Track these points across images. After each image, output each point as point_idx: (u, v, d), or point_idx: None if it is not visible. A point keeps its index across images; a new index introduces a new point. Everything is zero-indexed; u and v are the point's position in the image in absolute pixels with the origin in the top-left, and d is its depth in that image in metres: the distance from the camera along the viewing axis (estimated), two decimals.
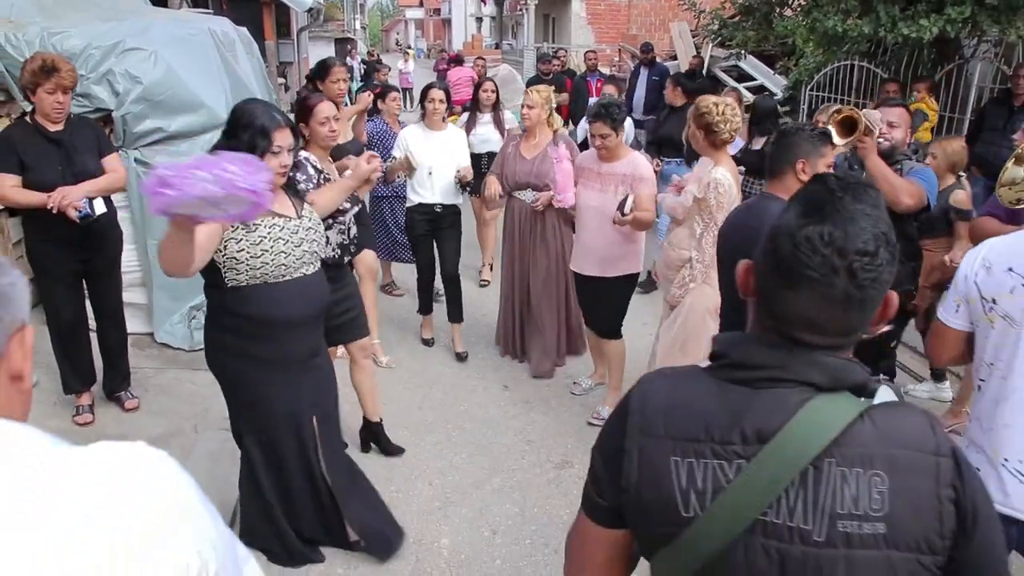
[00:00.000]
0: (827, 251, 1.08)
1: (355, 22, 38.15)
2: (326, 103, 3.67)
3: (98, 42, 4.86)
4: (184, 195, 1.96)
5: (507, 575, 3.29)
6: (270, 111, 2.73)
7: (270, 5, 13.45)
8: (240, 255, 2.70)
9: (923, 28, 6.10)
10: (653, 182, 4.31)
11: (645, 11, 20.46)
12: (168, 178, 1.96)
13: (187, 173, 1.96)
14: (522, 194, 5.01)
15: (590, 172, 4.41)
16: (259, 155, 2.50)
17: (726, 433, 1.13)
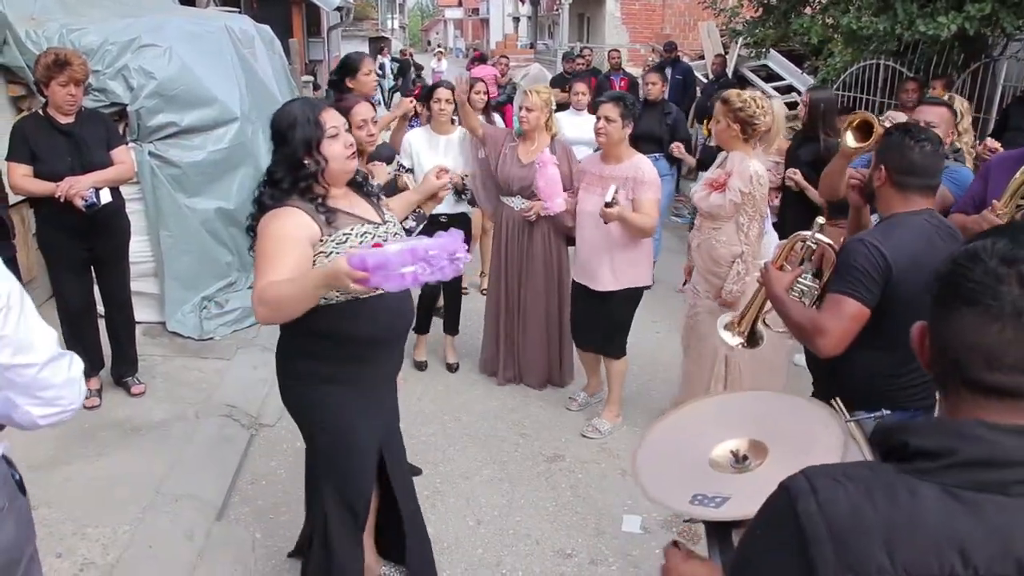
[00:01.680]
0: (991, 261, 0.91)
1: (392, 21, 38.48)
2: (363, 104, 3.40)
3: (114, 38, 5.01)
4: (396, 285, 1.97)
5: (489, 564, 3.33)
6: (307, 101, 2.58)
7: (300, 4, 13.64)
8: None
9: (941, 25, 6.01)
10: (657, 187, 4.15)
11: (679, 11, 20.28)
12: (378, 271, 1.93)
13: (394, 271, 1.94)
14: (511, 200, 4.72)
15: (592, 176, 4.24)
16: (317, 145, 2.38)
17: (995, 564, 0.84)
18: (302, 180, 2.38)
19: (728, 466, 1.56)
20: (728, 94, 3.90)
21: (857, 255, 2.35)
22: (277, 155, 2.45)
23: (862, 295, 2.32)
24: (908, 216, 2.41)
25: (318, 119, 2.41)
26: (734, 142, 3.83)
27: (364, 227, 2.47)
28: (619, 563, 3.34)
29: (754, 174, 3.74)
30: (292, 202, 2.37)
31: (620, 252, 4.14)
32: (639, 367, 4.97)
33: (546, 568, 3.31)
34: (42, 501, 3.58)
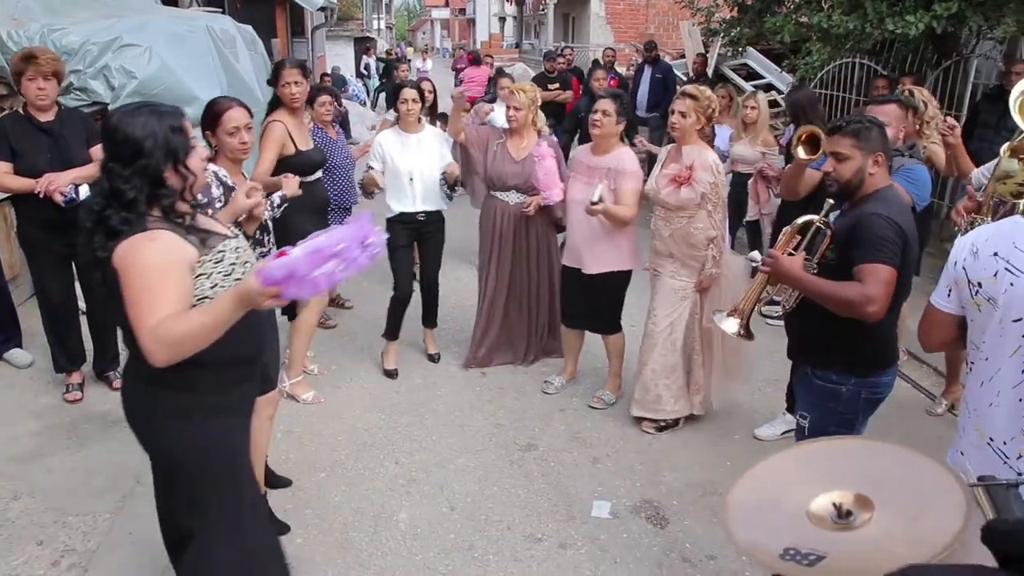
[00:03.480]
0: None
1: (378, 21, 38.48)
2: (236, 109, 3.14)
3: (96, 38, 5.09)
4: (311, 291, 1.82)
5: (460, 549, 3.42)
6: (159, 108, 2.16)
7: (283, 4, 13.69)
8: (214, 292, 2.16)
9: (909, 24, 6.14)
10: (638, 177, 4.30)
11: (663, 10, 20.44)
12: (290, 282, 1.79)
13: (306, 277, 1.80)
14: (506, 195, 4.83)
15: (580, 165, 4.47)
16: (183, 159, 2.10)
17: None
18: (164, 199, 2.09)
19: (829, 520, 1.41)
20: (695, 91, 4.05)
21: (883, 228, 2.63)
22: (126, 170, 2.05)
23: (893, 262, 2.62)
24: (888, 190, 2.78)
25: (182, 127, 2.14)
26: (694, 136, 4.08)
27: (232, 241, 2.27)
28: (587, 547, 3.44)
29: (714, 164, 4.06)
30: (153, 224, 2.06)
31: (604, 238, 4.35)
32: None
33: (516, 552, 3.40)
34: (24, 491, 3.66)
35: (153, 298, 1.98)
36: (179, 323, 1.96)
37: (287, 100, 4.31)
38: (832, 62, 8.87)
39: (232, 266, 2.22)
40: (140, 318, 1.99)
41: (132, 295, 2.00)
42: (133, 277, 2.00)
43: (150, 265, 2.01)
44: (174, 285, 2.02)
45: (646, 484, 3.90)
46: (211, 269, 2.16)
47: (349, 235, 1.86)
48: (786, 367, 4.37)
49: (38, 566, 3.19)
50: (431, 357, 5.27)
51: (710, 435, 4.34)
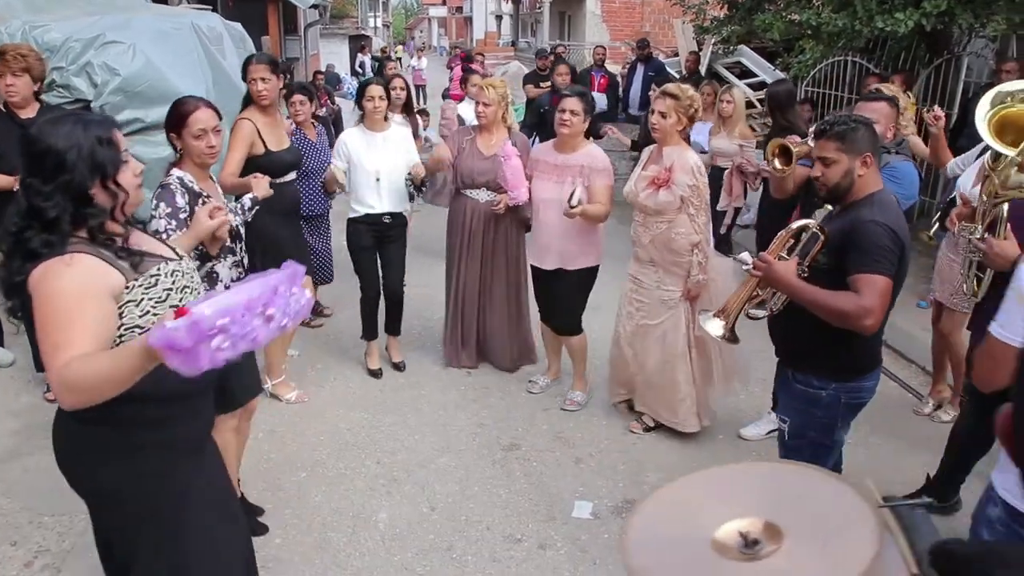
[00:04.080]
0: None
1: (375, 19, 38.47)
2: (203, 110, 2.88)
3: (78, 35, 5.07)
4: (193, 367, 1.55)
5: (439, 549, 3.40)
6: (85, 117, 1.97)
7: (275, 2, 13.65)
8: (145, 320, 1.93)
9: (899, 21, 6.12)
10: (610, 173, 4.27)
11: (658, 8, 20.37)
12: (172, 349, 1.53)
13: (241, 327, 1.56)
14: (476, 193, 4.73)
15: (545, 164, 4.35)
16: (112, 174, 1.88)
17: None
18: (92, 217, 1.87)
19: (735, 550, 1.32)
20: (675, 89, 3.98)
21: (881, 236, 2.56)
22: (47, 186, 1.83)
23: (890, 271, 2.56)
24: (882, 194, 2.71)
25: (112, 139, 1.90)
26: (675, 137, 3.98)
27: (169, 264, 2.04)
28: (567, 548, 3.41)
29: (695, 166, 3.94)
30: (75, 247, 1.84)
31: (576, 236, 4.29)
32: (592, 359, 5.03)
33: (496, 553, 3.37)
34: (0, 491, 3.63)
35: (63, 333, 1.74)
36: (88, 366, 1.70)
37: (255, 97, 4.14)
38: (824, 60, 8.85)
39: (167, 292, 1.99)
40: (49, 355, 1.75)
41: (42, 327, 1.77)
42: (44, 307, 1.77)
43: (63, 294, 1.77)
44: (90, 318, 1.78)
45: (629, 484, 3.88)
46: (141, 295, 1.93)
47: (240, 307, 1.57)
48: (773, 367, 4.36)
49: (11, 566, 3.17)
50: (396, 366, 5.09)
51: (695, 435, 4.31)
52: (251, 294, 1.61)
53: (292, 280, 1.70)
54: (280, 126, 4.35)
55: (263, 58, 4.31)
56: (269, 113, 4.22)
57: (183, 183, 2.89)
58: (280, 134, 4.31)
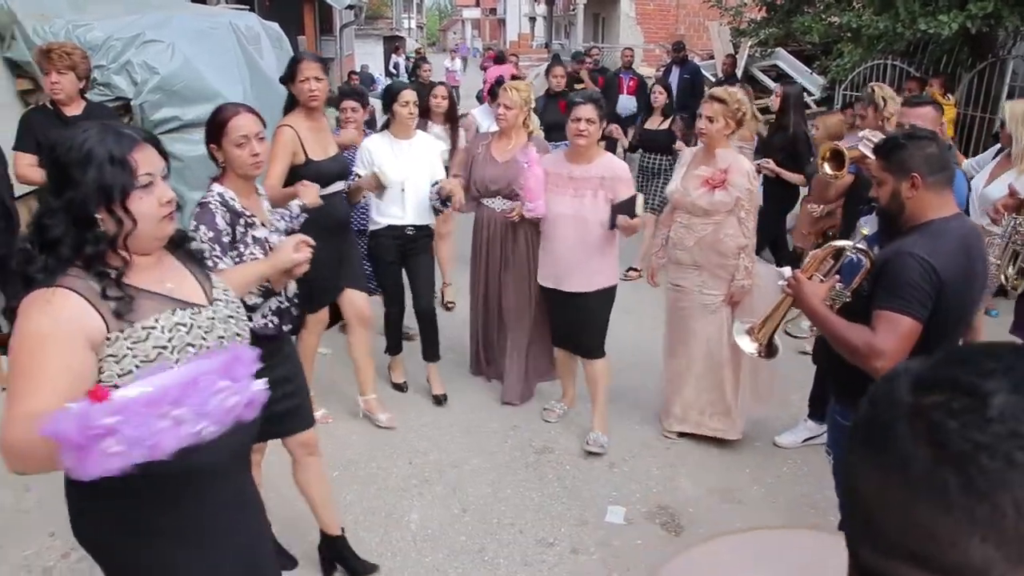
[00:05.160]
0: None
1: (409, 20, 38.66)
2: (244, 116, 2.60)
3: (119, 34, 5.13)
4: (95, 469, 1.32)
5: (470, 551, 3.38)
6: (112, 129, 1.71)
7: (312, 2, 13.76)
8: (125, 381, 1.61)
9: (942, 24, 6.01)
10: (632, 183, 4.06)
11: (693, 11, 20.27)
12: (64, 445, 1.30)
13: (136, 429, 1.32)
14: (491, 202, 4.49)
15: (559, 177, 4.03)
16: (123, 198, 1.63)
17: None
18: (90, 244, 1.63)
19: None
20: (723, 94, 3.94)
21: (911, 271, 2.31)
22: (55, 200, 1.65)
23: (917, 312, 2.30)
24: (944, 223, 2.40)
25: (126, 158, 1.64)
26: (724, 140, 3.96)
27: (177, 314, 1.73)
28: (600, 552, 3.38)
29: (750, 170, 3.93)
30: (67, 279, 1.62)
31: (597, 254, 4.00)
32: (629, 364, 4.99)
33: (527, 556, 3.35)
34: (39, 483, 3.67)
35: (24, 383, 1.54)
36: (28, 430, 1.42)
37: (304, 98, 3.77)
38: (864, 63, 8.73)
39: (159, 350, 1.66)
40: (6, 403, 1.53)
41: (10, 371, 1.56)
42: (14, 348, 1.57)
43: (33, 337, 1.57)
44: (56, 369, 1.54)
45: (662, 490, 3.84)
46: (125, 350, 1.63)
47: (139, 405, 1.33)
48: (809, 372, 4.30)
49: (49, 557, 3.21)
50: (437, 399, 4.66)
51: (729, 441, 4.25)
52: (165, 383, 1.37)
53: (227, 369, 1.47)
54: (325, 132, 4.01)
55: (314, 56, 4.01)
56: (315, 118, 3.89)
57: (223, 201, 2.59)
58: (325, 141, 3.95)
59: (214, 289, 1.90)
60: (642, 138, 7.04)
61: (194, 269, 1.90)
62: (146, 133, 1.76)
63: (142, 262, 1.73)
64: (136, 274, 1.70)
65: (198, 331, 1.75)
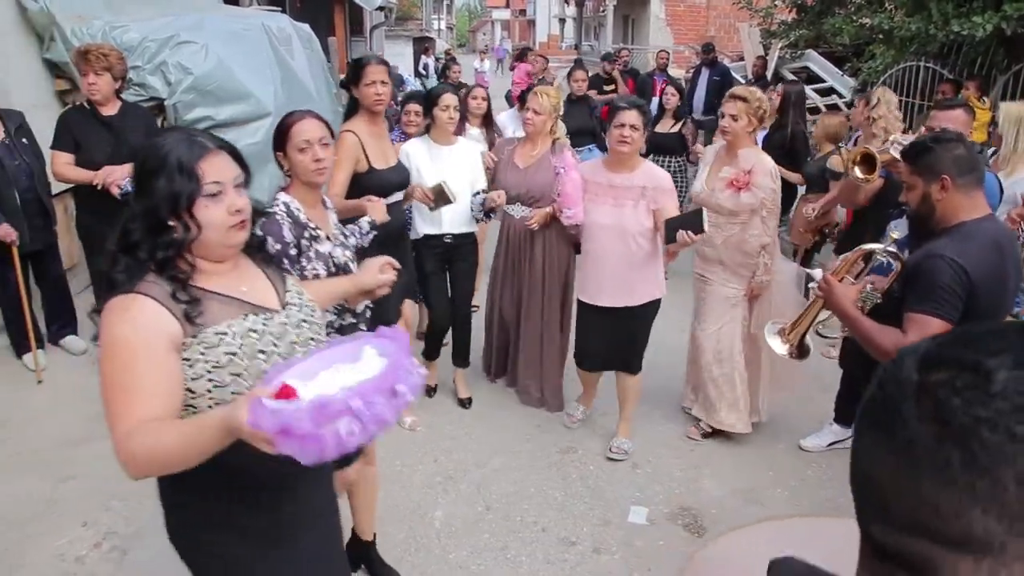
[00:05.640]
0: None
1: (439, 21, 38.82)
2: (307, 121, 2.56)
3: (154, 35, 5.24)
4: (314, 453, 1.36)
5: (494, 549, 3.41)
6: (188, 136, 1.73)
7: (342, 3, 13.88)
8: (197, 385, 1.66)
9: (976, 25, 5.93)
10: (675, 193, 3.98)
11: (724, 12, 20.16)
12: (285, 437, 1.35)
13: (308, 433, 1.35)
14: (511, 208, 4.34)
15: (598, 186, 3.89)
16: (188, 205, 1.66)
17: None
18: (161, 249, 1.66)
19: None
20: (745, 92, 3.99)
21: (942, 274, 2.35)
22: (137, 205, 1.70)
23: (948, 314, 2.34)
24: (975, 224, 2.43)
25: (194, 168, 1.66)
26: (747, 139, 3.99)
27: (249, 319, 1.73)
28: (622, 552, 3.39)
29: (773, 169, 3.94)
30: (144, 285, 1.64)
31: (640, 266, 3.88)
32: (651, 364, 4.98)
33: (550, 555, 3.37)
34: (73, 474, 3.77)
35: (123, 398, 1.57)
36: (154, 437, 1.52)
37: (371, 101, 3.65)
38: (896, 65, 8.63)
39: (230, 357, 1.66)
40: (111, 418, 1.58)
41: (103, 384, 1.60)
42: (104, 360, 1.60)
43: (117, 346, 1.58)
44: (150, 379, 1.57)
45: (685, 491, 3.84)
46: (198, 355, 1.65)
47: (378, 380, 1.42)
48: (837, 375, 4.28)
49: (81, 546, 3.28)
50: (462, 402, 4.63)
51: (754, 443, 4.25)
52: (378, 373, 1.45)
53: (407, 350, 1.53)
54: (386, 139, 3.90)
55: (380, 59, 3.84)
56: (377, 123, 3.76)
57: (289, 211, 2.53)
58: (386, 149, 3.83)
59: (288, 293, 1.89)
60: (652, 141, 7.01)
61: (270, 273, 1.90)
62: (221, 141, 1.77)
63: (218, 268, 1.75)
64: (212, 279, 1.72)
65: (269, 337, 1.75)
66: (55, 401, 4.49)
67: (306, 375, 1.53)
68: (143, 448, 1.52)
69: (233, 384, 1.66)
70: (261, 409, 1.35)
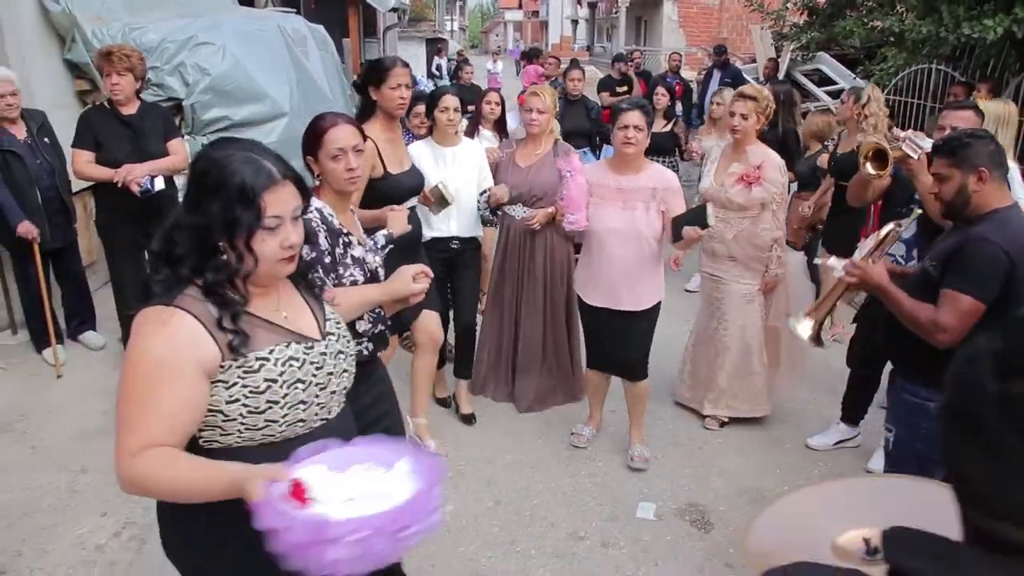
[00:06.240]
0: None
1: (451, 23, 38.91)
2: (342, 127, 2.47)
3: (172, 37, 5.33)
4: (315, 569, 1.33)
5: (503, 543, 3.46)
6: (255, 160, 1.61)
7: (356, 4, 13.97)
8: (231, 409, 1.61)
9: (987, 28, 5.95)
10: (682, 192, 3.94)
11: (736, 14, 20.16)
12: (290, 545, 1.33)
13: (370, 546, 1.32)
14: (512, 209, 4.30)
15: (605, 189, 3.81)
16: (248, 237, 1.58)
17: None
18: (210, 272, 1.60)
19: (857, 556, 1.34)
20: (754, 91, 4.08)
21: (983, 255, 2.53)
22: (186, 217, 1.61)
23: (983, 293, 2.51)
24: (1007, 211, 2.62)
25: (257, 197, 1.57)
26: (753, 136, 4.10)
27: (292, 348, 1.67)
28: (630, 547, 3.44)
29: (781, 165, 4.07)
30: (185, 300, 1.58)
31: (651, 269, 3.84)
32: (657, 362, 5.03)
33: (558, 549, 3.42)
34: (92, 466, 3.85)
35: (139, 411, 1.53)
36: (162, 471, 1.50)
37: (394, 105, 3.55)
38: (907, 68, 8.64)
39: (269, 384, 1.61)
40: (121, 426, 1.54)
41: (121, 393, 1.55)
42: (127, 370, 1.55)
43: (149, 363, 1.53)
44: (173, 399, 1.52)
45: (693, 488, 3.89)
46: (236, 379, 1.59)
47: (381, 521, 1.34)
48: (843, 378, 4.32)
49: (101, 535, 3.36)
50: (465, 419, 4.49)
51: (761, 442, 4.30)
52: (404, 504, 1.36)
53: (439, 482, 1.46)
54: (400, 143, 3.81)
55: (404, 62, 3.69)
56: (392, 128, 3.67)
57: (323, 218, 2.42)
58: (401, 153, 3.74)
59: (327, 322, 1.83)
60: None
61: (310, 300, 1.84)
62: (287, 169, 1.66)
63: (258, 290, 1.69)
64: (251, 301, 1.66)
65: (309, 367, 1.69)
66: (74, 395, 4.58)
67: (337, 465, 1.50)
68: (150, 472, 1.50)
69: (268, 412, 1.62)
70: (267, 501, 1.35)
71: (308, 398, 1.67)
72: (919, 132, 3.71)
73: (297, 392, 1.65)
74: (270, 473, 1.41)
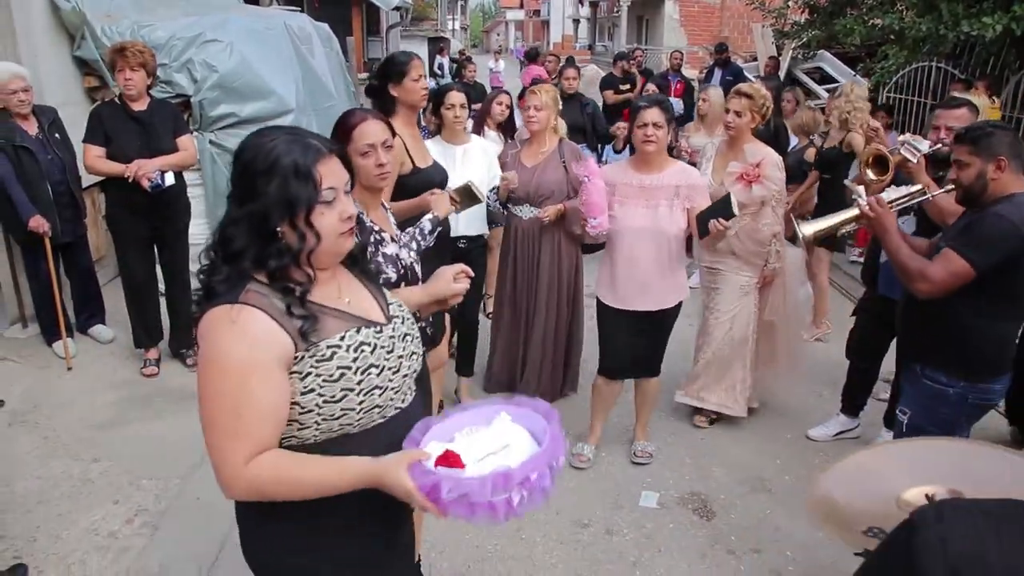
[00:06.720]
0: None
1: (453, 22, 38.98)
2: (371, 123, 2.43)
3: (180, 34, 5.39)
4: (484, 516, 1.43)
5: (508, 529, 3.49)
6: (299, 137, 1.60)
7: (359, 3, 14.04)
8: (306, 400, 1.57)
9: (986, 26, 6.01)
10: (707, 189, 3.88)
11: (737, 13, 20.23)
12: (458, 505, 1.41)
13: (480, 499, 1.41)
14: (519, 209, 4.31)
15: (628, 188, 3.72)
16: (307, 214, 1.55)
17: None
18: (273, 258, 1.55)
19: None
20: (750, 89, 4.10)
21: (994, 228, 2.66)
22: (238, 209, 1.57)
23: (978, 260, 2.66)
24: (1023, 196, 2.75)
25: (312, 171, 1.55)
26: (748, 134, 4.13)
27: (362, 332, 1.64)
28: (633, 534, 3.50)
29: (778, 161, 4.11)
30: (250, 295, 1.53)
31: (676, 268, 3.78)
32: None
33: (563, 535, 3.48)
34: (103, 456, 3.92)
35: (236, 419, 1.49)
36: (288, 473, 1.51)
37: (418, 97, 3.52)
38: (908, 66, 8.69)
39: (343, 371, 1.58)
40: (219, 443, 1.50)
41: (208, 402, 1.51)
42: (208, 377, 1.51)
43: (227, 365, 1.49)
44: (262, 399, 1.49)
45: (695, 477, 3.95)
46: (309, 368, 1.55)
47: (541, 458, 1.47)
48: (843, 370, 4.37)
49: (114, 522, 3.43)
50: None
51: (762, 433, 4.36)
52: (542, 451, 1.49)
53: (559, 424, 1.59)
54: (421, 140, 3.76)
55: (415, 55, 3.64)
56: (414, 124, 3.64)
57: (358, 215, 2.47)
58: (423, 148, 3.68)
59: (390, 305, 1.80)
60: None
61: (369, 285, 1.81)
62: (331, 144, 1.65)
63: (319, 276, 1.63)
64: (314, 289, 1.60)
65: (381, 351, 1.66)
66: (84, 387, 4.65)
67: (443, 436, 1.59)
68: (271, 475, 1.50)
69: (344, 400, 1.58)
70: (431, 476, 1.40)
71: (383, 383, 1.64)
72: (916, 135, 3.75)
73: (371, 377, 1.62)
74: (407, 458, 1.46)
